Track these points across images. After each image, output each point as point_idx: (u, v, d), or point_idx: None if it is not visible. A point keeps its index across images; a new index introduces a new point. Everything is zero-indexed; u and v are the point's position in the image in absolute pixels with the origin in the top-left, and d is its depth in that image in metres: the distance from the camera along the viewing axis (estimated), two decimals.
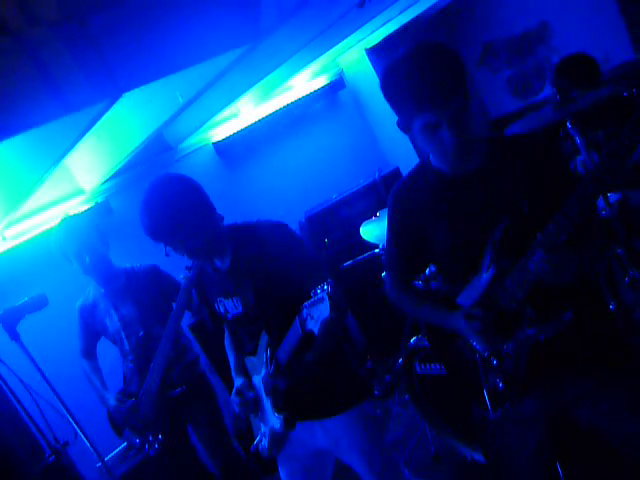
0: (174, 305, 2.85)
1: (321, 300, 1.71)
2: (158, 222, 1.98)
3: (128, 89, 2.13)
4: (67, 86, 1.78)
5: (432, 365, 2.84)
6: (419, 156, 1.52)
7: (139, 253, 3.20)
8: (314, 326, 1.76)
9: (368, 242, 3.67)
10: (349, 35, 3.82)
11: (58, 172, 3.18)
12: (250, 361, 2.27)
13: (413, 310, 2.00)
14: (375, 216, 3.79)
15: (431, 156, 1.79)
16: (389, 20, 4.11)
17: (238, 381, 2.27)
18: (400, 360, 3.03)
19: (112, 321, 3.03)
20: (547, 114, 2.62)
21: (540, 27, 5.11)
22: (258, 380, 2.22)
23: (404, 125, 1.69)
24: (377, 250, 3.72)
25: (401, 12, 4.01)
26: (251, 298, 2.12)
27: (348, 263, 4.08)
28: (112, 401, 2.97)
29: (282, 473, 2.30)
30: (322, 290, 1.72)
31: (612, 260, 2.87)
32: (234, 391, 2.25)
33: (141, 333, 2.96)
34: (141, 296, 3.00)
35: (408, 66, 1.59)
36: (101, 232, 3.02)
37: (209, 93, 2.99)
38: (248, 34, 2.39)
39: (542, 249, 1.54)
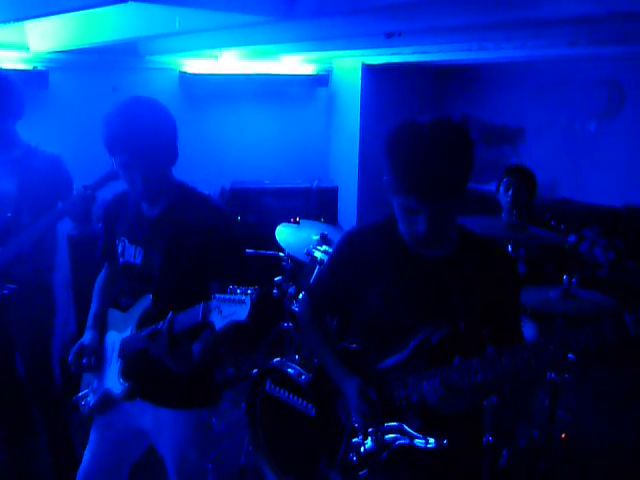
0: (58, 204, 2.66)
1: (241, 302, 1.62)
2: (128, 133, 1.82)
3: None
4: None
5: (282, 391, 2.84)
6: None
7: (53, 137, 2.95)
8: (219, 321, 1.65)
9: (276, 243, 3.61)
10: (359, 49, 3.76)
11: None
12: (115, 314, 2.14)
13: (315, 346, 1.98)
14: (296, 222, 3.75)
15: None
16: (399, 53, 4.10)
17: (88, 335, 2.13)
18: (255, 371, 3.01)
19: None
20: (499, 228, 2.79)
21: (517, 130, 5.32)
22: (116, 337, 2.09)
23: (388, 186, 1.61)
24: (281, 254, 3.68)
25: (414, 53, 4.01)
26: (158, 259, 2.00)
27: (248, 251, 4.00)
28: None
29: (93, 434, 2.20)
30: (244, 293, 1.63)
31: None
32: (77, 344, 2.11)
33: (9, 214, 2.70)
34: (29, 180, 2.70)
35: (424, 142, 1.49)
36: (21, 98, 2.70)
37: (206, 34, 2.83)
38: (278, 10, 2.27)
39: (454, 375, 1.59)
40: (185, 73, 4.28)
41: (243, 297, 1.62)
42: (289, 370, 2.81)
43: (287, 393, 2.83)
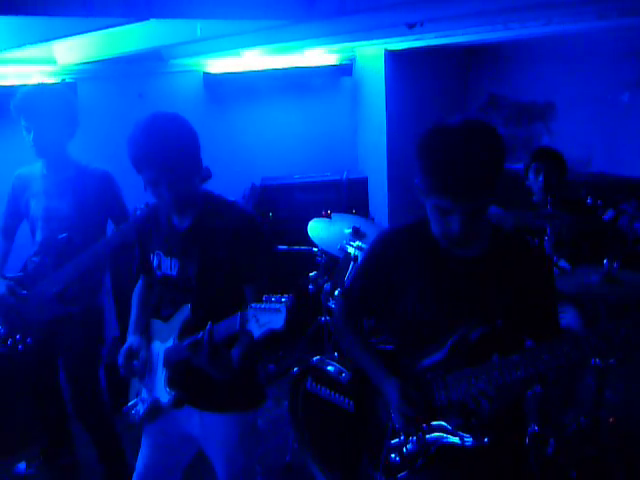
0: (109, 220, 2.75)
1: (277, 310, 1.66)
2: (151, 151, 1.86)
3: (159, 16, 1.97)
4: None
5: (324, 388, 2.87)
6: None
7: (83, 148, 3.00)
8: (256, 330, 1.69)
9: (309, 238, 3.61)
10: (381, 39, 3.72)
11: None
12: (157, 324, 2.19)
13: (352, 349, 2.00)
14: (328, 216, 3.74)
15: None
16: (422, 38, 4.04)
17: (134, 339, 2.19)
18: (295, 369, 3.04)
19: (37, 205, 2.79)
20: (529, 218, 2.75)
21: (546, 105, 5.20)
22: (160, 347, 2.14)
23: (420, 188, 1.64)
24: (315, 250, 3.69)
25: (437, 37, 3.94)
26: (193, 269, 2.05)
27: (282, 247, 4.03)
28: (1, 287, 2.74)
29: (144, 441, 2.27)
30: (279, 301, 1.68)
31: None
32: (125, 347, 2.17)
33: (64, 236, 2.72)
34: (82, 200, 2.74)
35: (457, 144, 1.52)
36: (74, 115, 2.76)
37: (227, 38, 2.83)
38: (297, 12, 2.26)
39: (494, 372, 1.58)
40: (209, 74, 4.28)
41: (278, 305, 1.66)
42: (329, 368, 2.83)
43: (329, 390, 2.85)
